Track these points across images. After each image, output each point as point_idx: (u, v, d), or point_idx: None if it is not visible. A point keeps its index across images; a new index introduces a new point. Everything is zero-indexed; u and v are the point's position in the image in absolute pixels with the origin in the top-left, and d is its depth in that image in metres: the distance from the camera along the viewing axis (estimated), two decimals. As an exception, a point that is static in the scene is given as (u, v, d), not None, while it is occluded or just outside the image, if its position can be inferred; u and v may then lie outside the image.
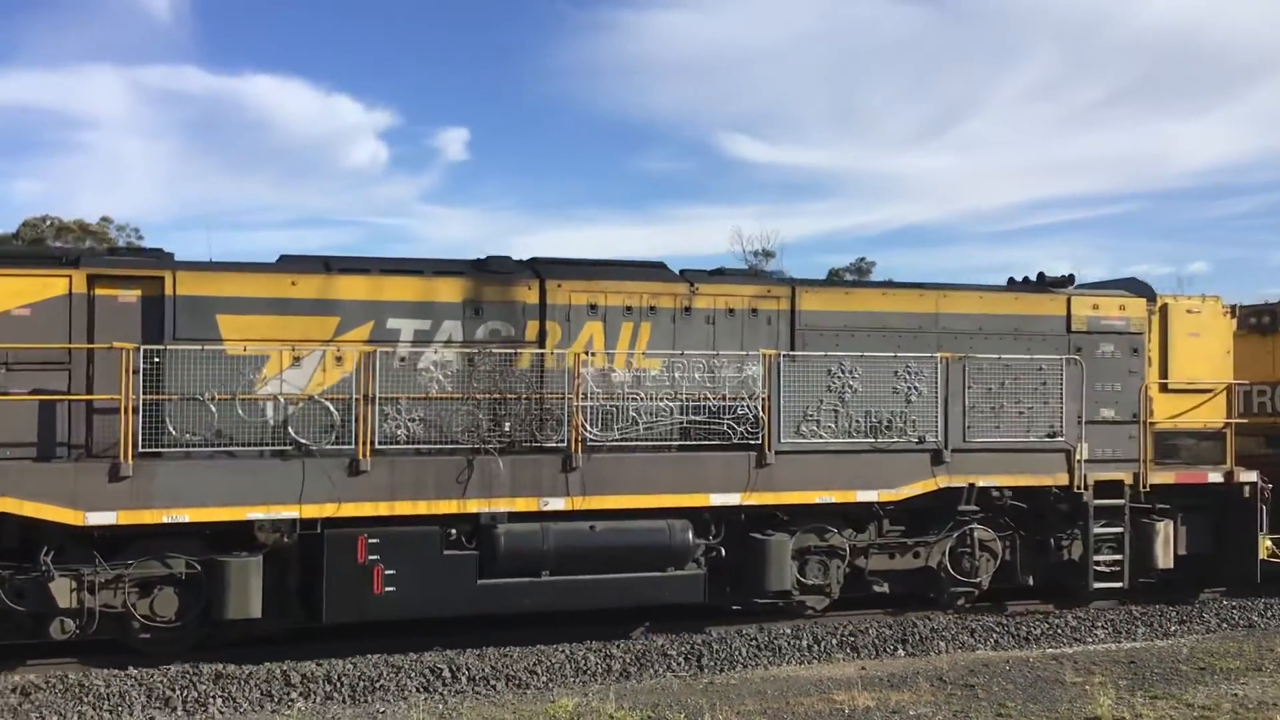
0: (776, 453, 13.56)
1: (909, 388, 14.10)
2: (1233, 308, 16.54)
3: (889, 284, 15.36)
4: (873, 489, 13.95)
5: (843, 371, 13.86)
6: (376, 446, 12.32)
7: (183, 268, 12.45)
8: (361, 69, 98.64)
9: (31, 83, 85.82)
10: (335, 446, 12.22)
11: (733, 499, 13.47)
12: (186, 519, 11.82)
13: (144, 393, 11.72)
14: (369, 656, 12.00)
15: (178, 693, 10.94)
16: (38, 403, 11.75)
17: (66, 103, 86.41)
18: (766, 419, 13.49)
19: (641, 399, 13.26)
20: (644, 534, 13.17)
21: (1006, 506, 14.68)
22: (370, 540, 12.32)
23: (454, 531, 12.68)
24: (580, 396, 12.94)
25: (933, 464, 14.19)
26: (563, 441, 12.90)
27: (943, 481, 14.21)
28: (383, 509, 12.35)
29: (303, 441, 12.12)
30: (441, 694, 11.30)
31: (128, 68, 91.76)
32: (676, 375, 13.49)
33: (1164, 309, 15.91)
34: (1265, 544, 15.70)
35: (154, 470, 11.75)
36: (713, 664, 12.44)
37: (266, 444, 12.19)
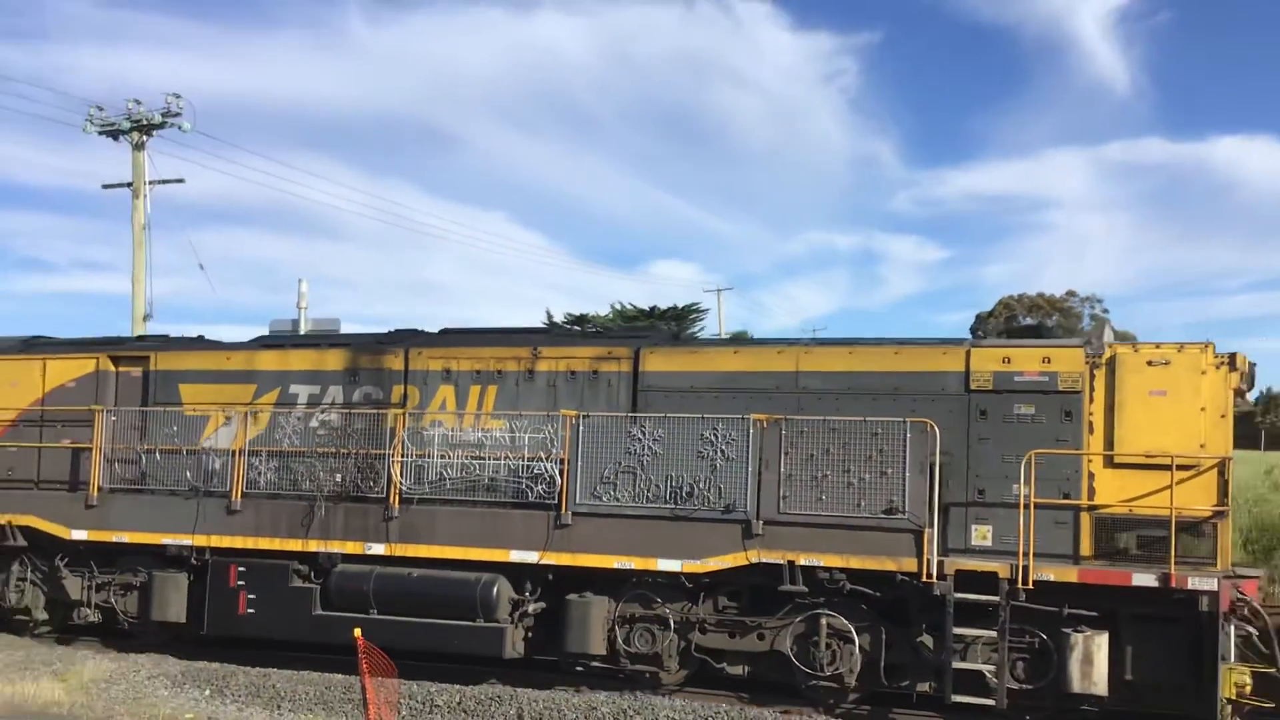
0: (574, 514, 13.51)
1: (715, 452, 13.02)
2: (1230, 358, 12.13)
3: (743, 340, 13.99)
4: (676, 559, 13.12)
5: (642, 434, 13.32)
6: (244, 491, 14.95)
7: (161, 348, 16.27)
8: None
9: (999, 173, 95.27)
10: (221, 489, 15.09)
11: (531, 557, 13.68)
12: (126, 540, 15.51)
13: (115, 443, 15.74)
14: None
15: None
16: (40, 448, 16.29)
17: (1031, 187, 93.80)
18: (564, 480, 13.54)
19: (447, 457, 14.15)
20: (453, 584, 13.98)
21: (843, 591, 12.65)
22: (239, 569, 14.93)
23: (305, 566, 14.74)
24: (398, 453, 14.29)
25: (744, 536, 12.89)
26: (383, 493, 14.34)
27: (754, 556, 12.81)
28: (249, 543, 14.90)
29: (196, 485, 15.18)
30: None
31: (1088, 147, 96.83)
32: (515, 436, 14.14)
33: (1112, 361, 12.32)
34: (1232, 677, 11.34)
35: (111, 501, 15.63)
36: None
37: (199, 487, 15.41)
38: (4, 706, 12.14)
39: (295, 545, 14.72)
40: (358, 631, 11.87)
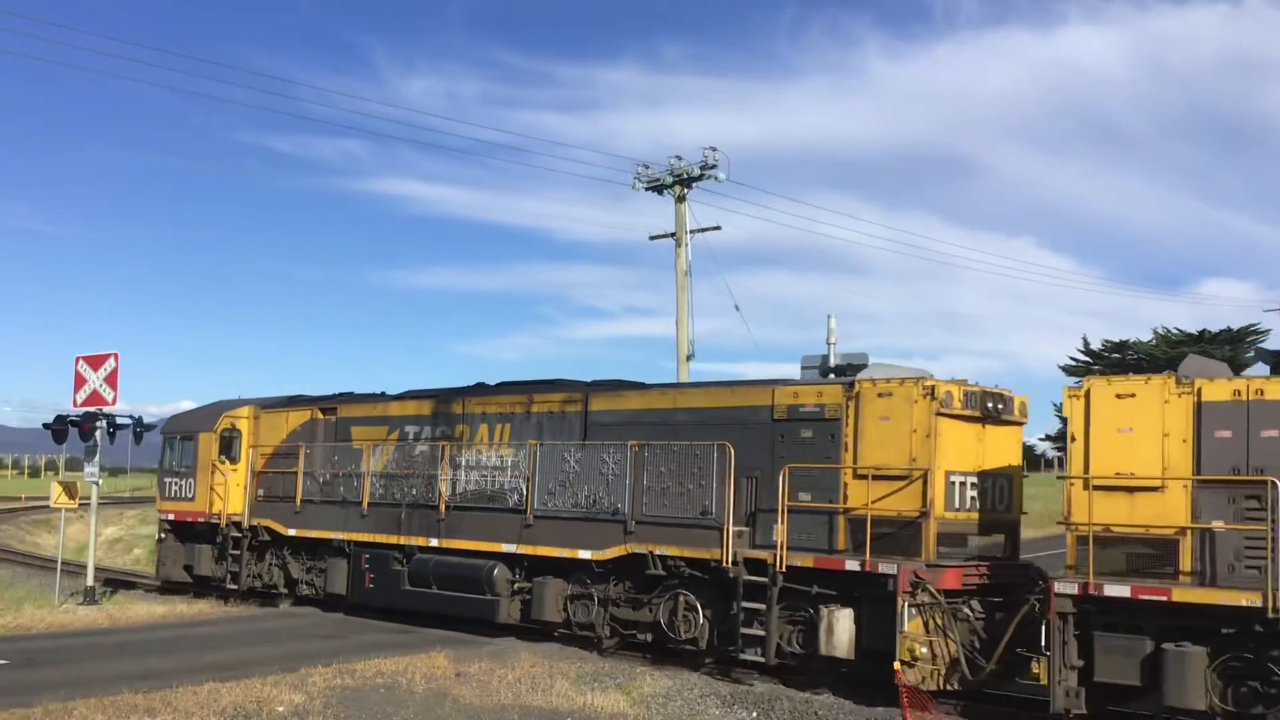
0: (535, 516, 18.47)
1: (609, 470, 17.46)
2: (931, 389, 14.63)
3: (645, 386, 18.01)
4: (588, 549, 17.68)
5: (570, 458, 18.03)
6: (369, 501, 21.29)
7: (341, 403, 23.08)
8: None
9: None
10: (359, 500, 21.55)
11: (511, 548, 18.80)
12: (313, 535, 22.41)
13: (305, 469, 22.78)
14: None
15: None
16: (281, 473, 23.59)
17: None
18: (529, 491, 18.55)
19: (469, 477, 19.56)
20: (470, 567, 19.39)
21: (685, 575, 16.54)
22: (365, 555, 21.27)
23: (399, 554, 20.74)
24: (444, 473, 19.96)
25: (624, 533, 17.21)
26: (436, 502, 20.06)
27: (630, 547, 17.10)
28: (370, 538, 21.23)
29: (346, 497, 21.74)
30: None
31: None
32: (508, 459, 19.41)
33: (859, 394, 15.31)
34: (906, 644, 14.01)
35: (306, 509, 22.63)
36: None
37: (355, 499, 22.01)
38: (578, 713, 13.73)
39: (393, 539, 20.85)
40: (898, 665, 13.66)
